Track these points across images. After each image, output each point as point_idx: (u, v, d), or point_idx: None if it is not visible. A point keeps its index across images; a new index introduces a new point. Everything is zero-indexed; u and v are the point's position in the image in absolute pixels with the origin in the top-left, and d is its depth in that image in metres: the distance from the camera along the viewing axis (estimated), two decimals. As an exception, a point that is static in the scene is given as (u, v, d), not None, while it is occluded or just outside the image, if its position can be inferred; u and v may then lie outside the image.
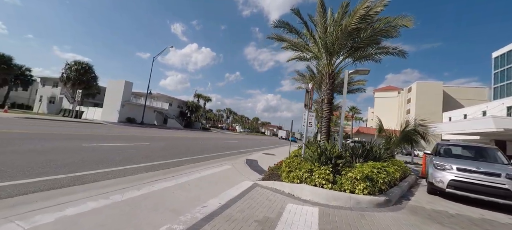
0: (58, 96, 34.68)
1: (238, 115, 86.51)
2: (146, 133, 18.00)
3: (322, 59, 9.66)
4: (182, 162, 7.52)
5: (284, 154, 14.23)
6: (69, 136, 9.96)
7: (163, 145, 11.10)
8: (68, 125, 15.97)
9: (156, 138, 14.55)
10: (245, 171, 7.24)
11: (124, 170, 5.48)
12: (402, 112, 63.00)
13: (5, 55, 29.53)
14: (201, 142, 16.09)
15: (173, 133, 23.28)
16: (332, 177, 4.39)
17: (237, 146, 16.59)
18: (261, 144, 24.84)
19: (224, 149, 13.35)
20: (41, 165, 4.81)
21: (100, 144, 8.86)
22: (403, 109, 63.53)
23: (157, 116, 38.39)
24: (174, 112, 44.36)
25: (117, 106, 29.90)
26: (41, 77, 36.77)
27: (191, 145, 12.95)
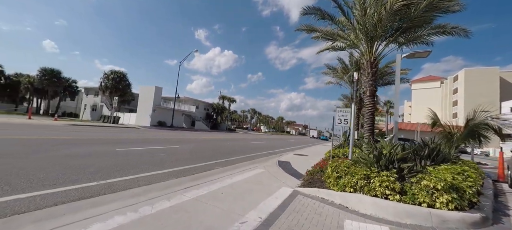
0: (99, 104, 38.00)
1: (262, 115, 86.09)
2: (175, 135, 18.39)
3: (360, 46, 8.52)
4: (212, 166, 7.11)
5: (317, 155, 13.19)
6: (105, 140, 10.34)
7: (191, 148, 10.96)
8: (106, 130, 17.01)
9: (184, 140, 14.65)
10: (279, 175, 6.55)
11: (155, 175, 5.20)
12: (447, 104, 56.16)
13: (55, 70, 33.30)
14: (228, 143, 15.82)
15: (201, 135, 23.61)
16: (399, 186, 3.45)
17: (265, 147, 15.97)
18: (289, 144, 23.88)
19: (252, 150, 12.81)
20: (75, 171, 4.72)
21: (132, 147, 8.95)
22: (447, 101, 56.58)
23: (185, 119, 39.74)
24: (201, 114, 45.57)
25: (149, 111, 31.56)
26: (84, 88, 40.79)
27: (219, 147, 12.68)
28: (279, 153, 12.94)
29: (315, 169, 6.61)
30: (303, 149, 16.79)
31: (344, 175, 4.21)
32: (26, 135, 9.52)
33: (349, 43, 8.89)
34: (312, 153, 13.89)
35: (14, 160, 5.02)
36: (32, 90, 33.75)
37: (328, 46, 10.13)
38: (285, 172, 6.98)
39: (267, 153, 12.44)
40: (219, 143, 15.38)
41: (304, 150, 15.84)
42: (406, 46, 8.53)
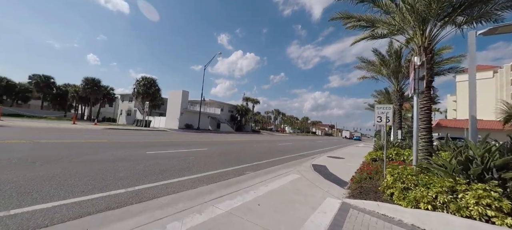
0: (133, 109, 40.72)
1: (286, 116, 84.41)
2: (202, 138, 18.48)
3: (408, 30, 7.29)
4: (242, 170, 6.58)
5: (354, 157, 11.95)
6: (137, 143, 10.54)
7: (220, 150, 10.64)
8: (138, 133, 17.76)
9: (212, 143, 14.50)
10: (319, 181, 5.75)
11: (184, 181, 4.81)
12: (503, 96, 48.61)
13: (96, 79, 36.57)
14: (255, 145, 15.31)
15: (227, 137, 23.54)
16: (509, 205, 2.47)
17: (293, 149, 15.11)
18: (318, 145, 22.57)
19: (281, 153, 12.08)
20: (105, 176, 4.54)
21: (162, 151, 8.88)
22: (504, 92, 48.98)
23: (211, 121, 40.48)
24: (226, 117, 46.10)
25: (177, 114, 32.74)
26: (120, 94, 44.18)
27: (246, 149, 12.20)
28: (310, 156, 12.01)
29: (361, 175, 5.67)
30: (335, 151, 15.52)
31: (413, 186, 3.29)
32: (68, 139, 10.11)
33: (393, 28, 7.68)
34: (347, 155, 12.67)
35: (50, 165, 5.05)
36: (77, 98, 37.55)
37: (366, 35, 8.94)
38: (324, 178, 6.15)
39: (297, 156, 11.60)
40: (246, 145, 14.95)
41: (337, 152, 14.60)
42: (467, 26, 7.08)
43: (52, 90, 41.25)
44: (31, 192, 3.41)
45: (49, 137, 10.11)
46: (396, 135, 15.52)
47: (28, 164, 4.92)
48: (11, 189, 3.43)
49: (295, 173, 6.70)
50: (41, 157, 5.71)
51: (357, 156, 12.82)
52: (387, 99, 27.69)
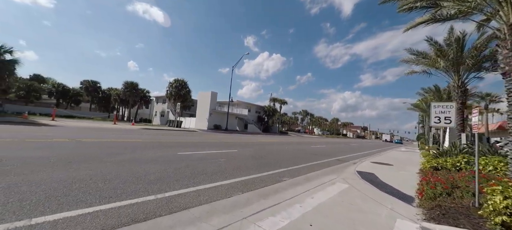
0: (166, 110, 43.06)
1: (315, 117, 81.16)
2: (231, 138, 18.23)
3: (486, 7, 5.78)
4: (279, 176, 5.85)
5: (402, 163, 10.31)
6: (169, 144, 10.54)
7: (251, 152, 10.07)
8: (170, 133, 18.25)
9: (241, 143, 14.06)
10: (373, 193, 4.72)
11: (217, 188, 4.27)
12: None
13: (134, 82, 39.60)
14: (286, 147, 14.44)
15: (255, 137, 23.06)
16: None
17: (328, 152, 13.86)
18: (353, 148, 20.68)
19: (316, 156, 11.03)
20: (135, 179, 4.22)
21: (193, 152, 8.62)
22: None
23: (239, 122, 40.62)
24: (253, 117, 45.90)
25: (206, 115, 33.49)
26: (155, 97, 47.21)
27: (278, 152, 11.43)
28: (349, 160, 10.74)
29: (434, 189, 4.46)
30: (377, 155, 13.80)
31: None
32: (106, 138, 10.55)
33: (465, 6, 6.17)
34: (394, 161, 11.06)
35: (84, 165, 4.96)
36: (118, 100, 41.13)
37: (426, 19, 7.45)
38: (378, 190, 5.08)
39: (335, 160, 10.44)
40: (276, 147, 14.17)
41: (380, 157, 12.93)
42: None
43: (99, 94, 45.87)
44: (59, 196, 3.15)
45: (90, 136, 10.69)
46: (454, 138, 13.15)
47: (64, 163, 4.89)
48: (41, 192, 3.23)
49: (340, 181, 5.73)
50: (78, 156, 5.73)
51: (407, 162, 11.11)
52: (437, 97, 24.25)
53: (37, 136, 9.02)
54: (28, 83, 34.98)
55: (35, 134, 9.68)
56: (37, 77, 47.29)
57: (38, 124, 15.33)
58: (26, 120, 16.56)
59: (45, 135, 9.54)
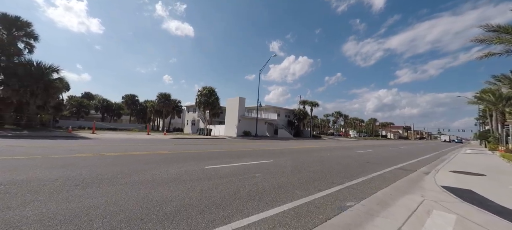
0: (197, 119, 43.98)
1: (349, 118, 75.22)
2: (262, 146, 16.83)
3: None
4: (338, 199, 4.18)
5: (496, 173, 7.55)
6: (196, 155, 9.59)
7: (289, 163, 8.48)
8: (199, 142, 17.66)
9: (275, 152, 12.53)
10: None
11: (257, 225, 2.81)
12: None
13: (167, 93, 41.41)
14: (327, 154, 12.44)
15: (288, 144, 21.28)
16: None
17: (380, 158, 11.46)
18: (407, 152, 17.43)
19: (370, 165, 8.91)
20: (145, 212, 3.02)
21: (221, 164, 7.41)
22: None
23: (268, 127, 39.19)
24: (282, 122, 44.03)
25: (235, 122, 32.86)
26: (187, 106, 48.84)
27: (322, 160, 9.59)
28: (416, 169, 8.38)
29: None
30: (448, 162, 10.84)
31: None
32: (132, 150, 10.06)
33: None
34: (479, 169, 8.35)
35: (89, 190, 4.01)
36: (153, 111, 43.44)
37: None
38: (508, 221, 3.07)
39: (398, 170, 8.22)
40: (315, 153, 12.27)
41: (452, 163, 10.07)
42: None
43: (137, 106, 49.25)
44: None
45: (118, 149, 10.32)
46: None
47: (68, 187, 4.00)
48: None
49: (434, 204, 3.83)
50: (90, 176, 4.88)
51: (496, 169, 8.30)
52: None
53: (64, 150, 8.84)
54: (79, 100, 39.03)
55: (63, 148, 9.61)
56: (87, 95, 53.10)
57: (77, 137, 16.08)
58: (70, 134, 17.67)
59: (72, 149, 9.37)
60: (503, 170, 8.49)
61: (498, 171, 8.17)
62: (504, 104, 26.70)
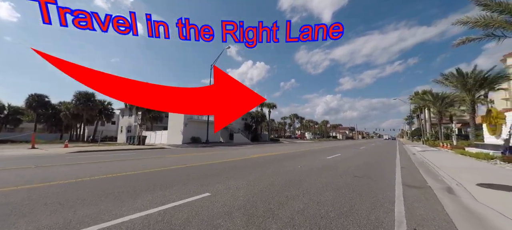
0: (133, 124, 35.58)
1: (305, 120, 76.73)
2: (215, 156, 12.14)
3: None
4: None
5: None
6: (90, 187, 4.40)
7: (261, 189, 4.24)
8: (118, 157, 11.80)
9: (226, 168, 8.12)
10: None
11: None
12: None
13: (89, 92, 31.80)
14: (298, 166, 8.70)
15: (245, 151, 17.05)
16: None
17: (366, 169, 8.35)
18: (374, 153, 15.39)
19: (364, 183, 5.37)
20: None
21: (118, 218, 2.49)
22: None
23: (222, 132, 34.36)
24: (239, 125, 39.84)
25: (180, 127, 26.91)
26: (120, 109, 39.47)
27: (299, 183, 5.61)
28: (423, 187, 5.19)
29: None
30: (438, 169, 8.35)
31: None
32: None
33: None
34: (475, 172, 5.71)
35: None
36: (69, 116, 32.85)
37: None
38: None
39: (405, 187, 4.82)
40: (282, 165, 8.36)
41: (442, 169, 7.50)
42: None
43: (48, 110, 37.21)
44: None
45: None
46: None
47: None
48: None
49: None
50: None
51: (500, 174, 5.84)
52: (460, 84, 20.23)
53: None
54: None
55: None
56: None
57: None
58: None
59: None
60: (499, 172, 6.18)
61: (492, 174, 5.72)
62: (440, 104, 29.06)
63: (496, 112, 13.15)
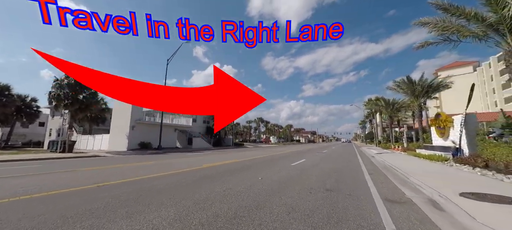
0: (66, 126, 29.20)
1: (270, 124, 76.84)
2: (159, 166, 9.58)
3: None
4: None
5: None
6: None
7: (201, 218, 2.12)
8: (18, 170, 8.23)
9: (180, 180, 5.91)
10: None
11: None
12: (490, 90, 47.64)
13: (2, 84, 24.67)
14: (258, 177, 6.99)
15: (204, 157, 14.72)
16: None
17: (337, 178, 7.17)
18: (338, 158, 14.89)
19: (339, 198, 3.93)
20: None
21: None
22: (488, 87, 48.08)
23: (180, 136, 30.90)
24: (200, 129, 36.72)
25: (126, 129, 22.82)
26: (50, 108, 32.20)
27: (257, 209, 3.79)
28: (401, 202, 4.11)
29: None
30: (402, 174, 7.75)
31: None
32: None
33: None
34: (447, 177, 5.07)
35: None
36: (-31, 115, 24.94)
37: None
38: None
39: (385, 202, 3.57)
40: (246, 175, 6.54)
41: (409, 174, 6.86)
42: None
43: None
44: None
45: None
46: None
47: None
48: None
49: None
50: None
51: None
52: (410, 90, 21.80)
53: None
54: None
55: None
56: None
57: None
58: None
59: None
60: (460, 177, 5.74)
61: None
62: (391, 109, 31.59)
63: (445, 116, 13.85)
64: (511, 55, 8.06)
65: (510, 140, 10.47)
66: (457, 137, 12.29)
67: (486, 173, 7.55)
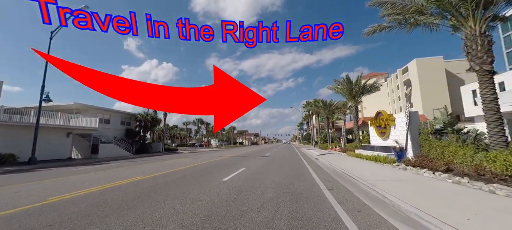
0: None
1: (211, 126, 71.29)
2: None
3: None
4: None
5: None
6: None
7: None
8: None
9: None
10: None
11: None
12: (396, 98, 57.74)
13: None
14: (158, 208, 2.95)
15: (90, 176, 9.29)
16: None
17: (274, 186, 3.91)
18: (283, 161, 12.34)
19: None
20: None
21: None
22: (395, 95, 58.32)
23: (78, 142, 22.50)
24: (115, 132, 28.54)
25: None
26: None
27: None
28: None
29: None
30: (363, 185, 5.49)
31: None
32: None
33: None
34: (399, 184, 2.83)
35: None
36: None
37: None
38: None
39: None
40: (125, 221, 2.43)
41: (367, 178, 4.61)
42: None
43: None
44: None
45: None
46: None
47: None
48: None
49: None
50: None
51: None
52: (348, 89, 22.07)
53: None
54: None
55: None
56: None
57: None
58: None
59: None
60: None
61: None
62: (328, 110, 32.79)
63: (387, 115, 13.33)
64: (473, 40, 6.87)
65: (451, 138, 10.09)
66: (401, 137, 11.60)
67: (459, 181, 5.96)
